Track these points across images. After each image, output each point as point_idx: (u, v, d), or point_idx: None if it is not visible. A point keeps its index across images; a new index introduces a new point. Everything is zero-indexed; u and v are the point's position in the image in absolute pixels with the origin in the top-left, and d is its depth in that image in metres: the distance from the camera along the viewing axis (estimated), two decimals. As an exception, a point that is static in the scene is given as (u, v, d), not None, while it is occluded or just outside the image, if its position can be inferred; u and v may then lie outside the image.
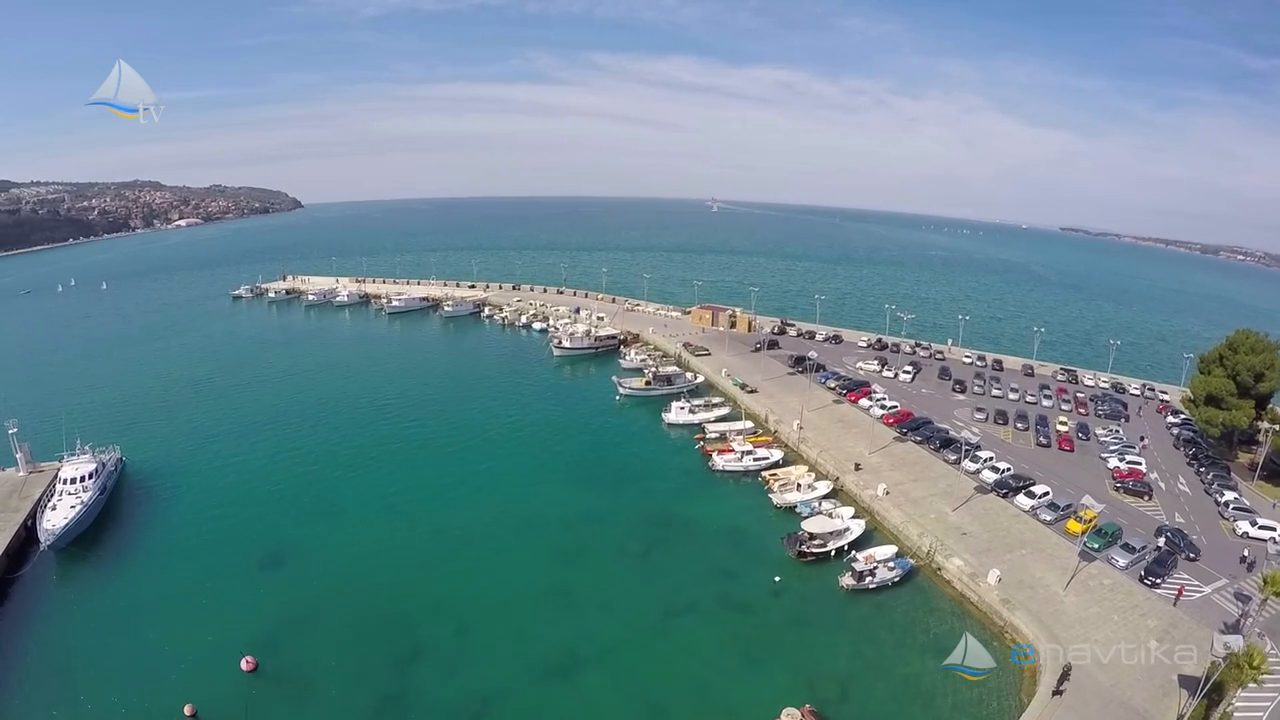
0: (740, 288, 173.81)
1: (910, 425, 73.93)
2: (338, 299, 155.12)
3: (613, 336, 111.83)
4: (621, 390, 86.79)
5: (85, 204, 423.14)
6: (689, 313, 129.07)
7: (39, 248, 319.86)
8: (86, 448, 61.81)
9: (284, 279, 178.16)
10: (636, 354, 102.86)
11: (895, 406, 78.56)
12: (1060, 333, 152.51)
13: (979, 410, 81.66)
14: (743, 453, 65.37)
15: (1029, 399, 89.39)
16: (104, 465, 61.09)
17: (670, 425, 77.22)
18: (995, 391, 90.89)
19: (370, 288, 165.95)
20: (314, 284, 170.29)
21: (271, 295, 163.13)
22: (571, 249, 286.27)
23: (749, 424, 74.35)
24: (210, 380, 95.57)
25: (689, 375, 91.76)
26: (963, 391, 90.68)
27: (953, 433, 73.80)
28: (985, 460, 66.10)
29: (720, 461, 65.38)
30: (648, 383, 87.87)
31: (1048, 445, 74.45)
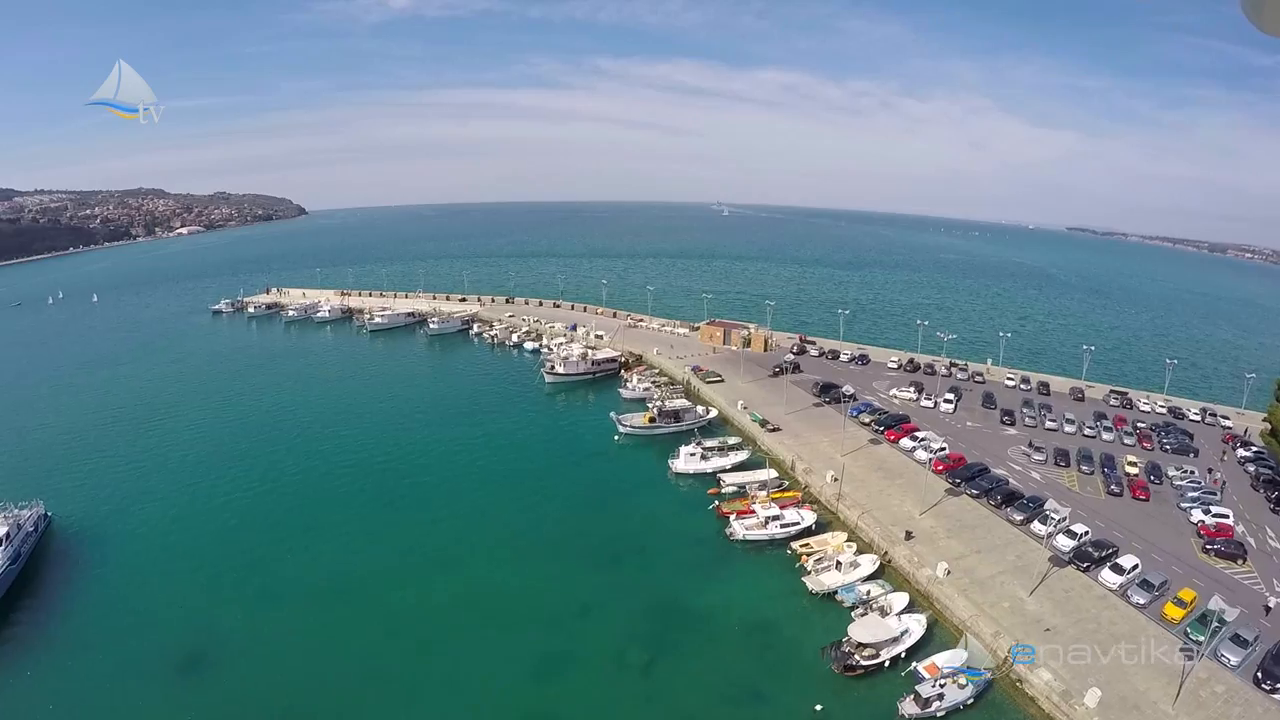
0: (752, 299, 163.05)
1: (964, 474, 62.35)
2: (319, 314, 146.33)
3: (612, 359, 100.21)
4: (621, 428, 75.12)
5: (88, 212, 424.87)
6: (697, 329, 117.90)
7: (39, 257, 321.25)
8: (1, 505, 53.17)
9: (267, 292, 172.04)
10: (639, 381, 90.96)
11: (944, 449, 66.97)
12: (1097, 344, 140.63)
13: (1036, 449, 70.28)
14: (767, 517, 53.67)
15: (1087, 431, 78.04)
16: (19, 526, 52.21)
17: (678, 475, 65.74)
18: (1049, 423, 79.45)
19: (354, 301, 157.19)
20: (297, 297, 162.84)
21: (251, 310, 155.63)
22: (572, 256, 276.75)
23: (772, 473, 62.62)
24: (164, 415, 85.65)
25: (699, 409, 79.91)
26: (1012, 423, 79.28)
27: (1014, 482, 62.51)
28: (1059, 522, 54.78)
29: (740, 528, 53.77)
30: (651, 419, 75.88)
31: (1119, 494, 63.20)
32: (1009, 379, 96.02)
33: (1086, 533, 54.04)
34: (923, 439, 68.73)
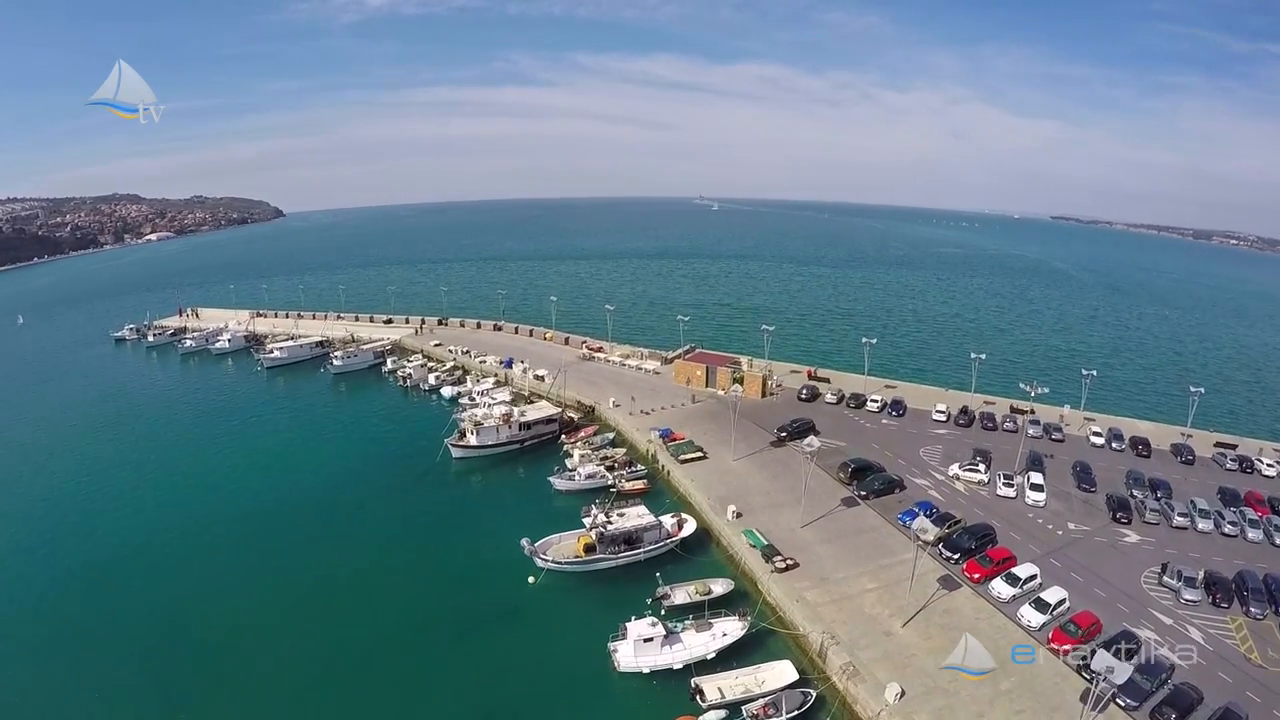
0: (741, 313, 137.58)
1: (1102, 659, 36.22)
2: (217, 344, 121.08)
3: (550, 419, 72.24)
4: (540, 562, 47.48)
5: (59, 219, 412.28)
6: (671, 363, 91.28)
7: (2, 269, 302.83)
8: None
9: (180, 314, 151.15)
10: (584, 461, 63.21)
11: (1065, 604, 40.78)
12: (1151, 360, 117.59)
13: (1186, 580, 44.41)
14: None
15: (1228, 528, 53.45)
16: None
17: (626, 675, 38.09)
18: (1178, 517, 54.01)
19: (264, 325, 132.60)
20: (207, 319, 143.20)
21: (151, 339, 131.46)
22: (534, 259, 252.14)
23: (788, 671, 36.18)
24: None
25: (668, 523, 50.87)
26: (1128, 520, 53.89)
27: (1180, 666, 36.79)
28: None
29: None
30: (589, 547, 48.06)
31: (1319, 661, 38.49)
32: (1094, 434, 70.80)
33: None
34: (1026, 581, 42.58)
